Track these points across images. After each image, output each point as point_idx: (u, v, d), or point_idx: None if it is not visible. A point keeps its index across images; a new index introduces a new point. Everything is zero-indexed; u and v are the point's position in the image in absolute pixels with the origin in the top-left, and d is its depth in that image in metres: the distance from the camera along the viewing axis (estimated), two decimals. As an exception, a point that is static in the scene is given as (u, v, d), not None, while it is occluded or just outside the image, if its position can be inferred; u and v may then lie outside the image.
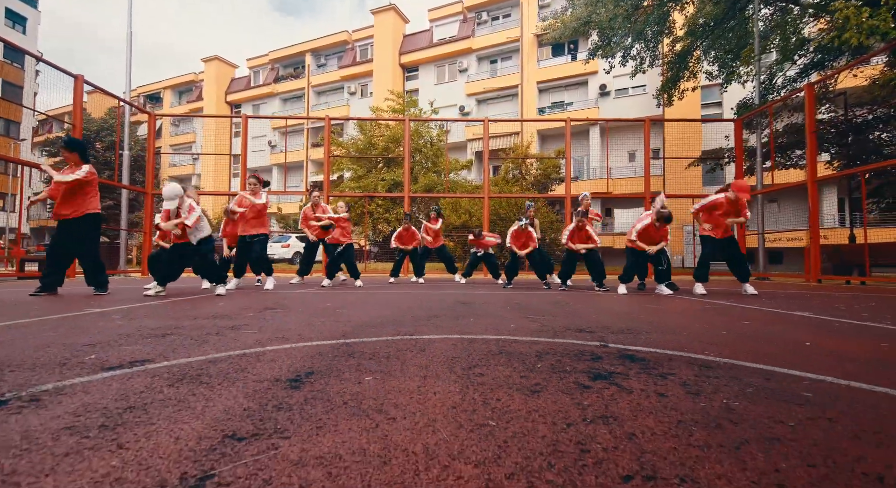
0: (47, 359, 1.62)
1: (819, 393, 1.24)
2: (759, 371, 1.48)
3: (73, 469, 0.77)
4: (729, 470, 0.77)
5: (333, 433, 0.94)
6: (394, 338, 2.07)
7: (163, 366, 1.52)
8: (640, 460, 0.81)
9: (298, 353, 1.73)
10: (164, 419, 1.01)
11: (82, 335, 2.11)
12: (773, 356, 1.72)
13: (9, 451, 0.84)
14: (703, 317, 2.98)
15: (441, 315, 2.97)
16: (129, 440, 0.90)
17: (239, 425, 0.98)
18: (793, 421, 1.02)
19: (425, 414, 1.05)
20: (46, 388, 1.25)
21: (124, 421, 1.00)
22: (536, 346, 1.89)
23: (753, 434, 0.94)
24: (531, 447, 0.87)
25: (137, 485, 0.72)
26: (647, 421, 1.01)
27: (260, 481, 0.73)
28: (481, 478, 0.74)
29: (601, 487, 0.72)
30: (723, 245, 4.98)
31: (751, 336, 2.20)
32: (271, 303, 3.77)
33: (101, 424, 0.98)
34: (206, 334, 2.16)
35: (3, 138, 29.07)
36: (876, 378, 1.40)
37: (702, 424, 0.99)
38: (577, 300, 4.24)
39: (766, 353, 1.77)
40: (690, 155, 16.17)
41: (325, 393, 1.22)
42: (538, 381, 1.34)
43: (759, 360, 1.64)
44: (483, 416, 1.04)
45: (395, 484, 0.72)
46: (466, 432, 0.94)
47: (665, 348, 1.87)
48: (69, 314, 2.91)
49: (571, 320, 2.74)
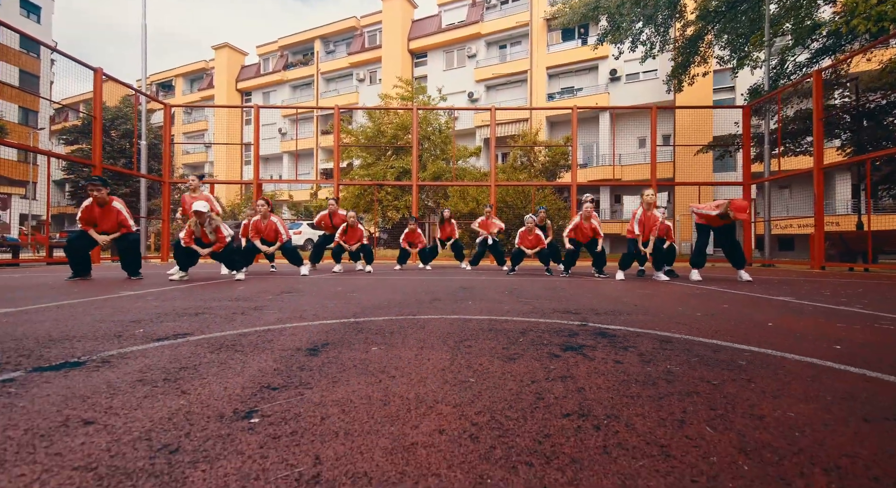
0: (104, 332, 1.91)
1: (754, 362, 1.47)
2: (711, 345, 1.71)
3: (153, 405, 1.04)
4: (646, 412, 1.01)
5: (346, 386, 1.20)
6: (398, 318, 2.33)
7: (202, 338, 1.80)
8: (581, 405, 1.06)
9: (315, 329, 2.00)
10: (212, 375, 1.28)
11: (126, 314, 2.41)
12: (731, 333, 1.94)
13: (102, 395, 1.12)
14: (688, 301, 3.19)
15: (443, 298, 3.23)
16: (189, 388, 1.16)
17: (272, 379, 1.24)
18: (717, 380, 1.25)
19: (419, 374, 1.30)
20: (112, 353, 1.53)
21: (182, 376, 1.27)
22: (523, 325, 2.13)
23: (679, 389, 1.18)
24: (499, 396, 1.12)
25: (203, 416, 0.98)
26: (597, 380, 1.25)
27: (292, 414, 0.99)
28: (456, 414, 0.99)
29: (545, 421, 0.96)
30: (719, 232, 5.14)
31: (721, 317, 2.41)
32: (287, 287, 4.06)
33: (164, 378, 1.25)
34: (234, 313, 2.45)
35: (23, 127, 29.73)
36: (811, 351, 1.62)
37: (640, 382, 1.23)
38: (574, 286, 4.47)
39: (726, 331, 1.99)
40: (702, 141, 16.06)
41: (339, 359, 1.48)
42: (517, 352, 1.58)
43: (716, 337, 1.86)
44: (465, 375, 1.29)
45: (392, 417, 0.98)
46: (450, 386, 1.20)
47: (638, 327, 2.10)
48: (108, 296, 3.22)
49: (562, 303, 2.98)
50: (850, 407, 1.05)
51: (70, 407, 1.02)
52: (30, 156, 28.20)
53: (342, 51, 32.69)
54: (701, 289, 4.20)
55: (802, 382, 1.25)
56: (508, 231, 14.04)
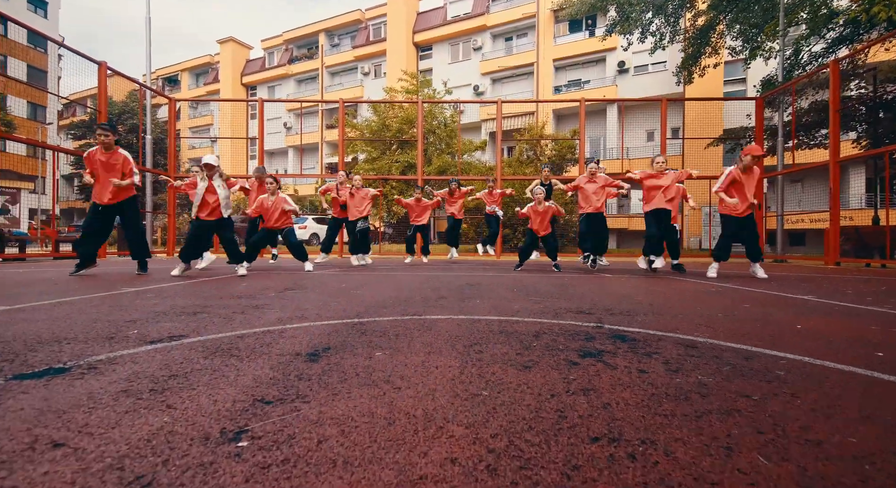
0: (96, 333, 1.82)
1: (793, 371, 1.34)
2: (741, 351, 1.58)
3: (133, 423, 0.94)
4: (686, 435, 0.90)
5: (347, 399, 1.09)
6: (402, 318, 2.22)
7: (197, 340, 1.71)
8: (610, 425, 0.94)
9: (316, 331, 1.90)
10: (203, 385, 1.18)
11: (123, 312, 2.32)
12: (760, 337, 1.81)
13: (80, 409, 1.02)
14: (705, 300, 3.06)
15: (449, 296, 3.12)
16: (176, 401, 1.06)
17: (266, 391, 1.14)
18: (757, 395, 1.13)
19: (427, 385, 1.19)
20: (100, 358, 1.44)
21: (170, 387, 1.17)
22: (535, 327, 2.02)
23: (717, 406, 1.06)
24: (516, 413, 1.00)
25: (186, 437, 0.88)
26: (623, 393, 1.13)
27: (285, 436, 0.88)
28: (470, 437, 0.88)
29: (572, 447, 0.85)
30: (742, 223, 4.98)
31: (745, 318, 2.28)
32: (291, 283, 3.97)
33: (150, 388, 1.15)
34: (233, 313, 2.35)
35: (31, 122, 29.90)
36: (852, 358, 1.49)
37: (672, 397, 1.11)
38: (583, 283, 4.34)
39: (754, 335, 1.86)
40: (712, 134, 15.76)
41: (340, 366, 1.37)
42: (532, 358, 1.47)
43: (745, 341, 1.74)
44: (477, 387, 1.18)
45: (397, 441, 0.87)
46: (461, 400, 1.09)
47: (657, 329, 1.97)
48: (108, 293, 3.14)
49: (573, 302, 2.86)
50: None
51: (42, 425, 0.92)
52: (38, 151, 28.38)
53: (347, 44, 32.46)
54: (717, 286, 4.06)
55: (854, 397, 1.12)
56: (514, 226, 13.90)
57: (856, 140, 12.91)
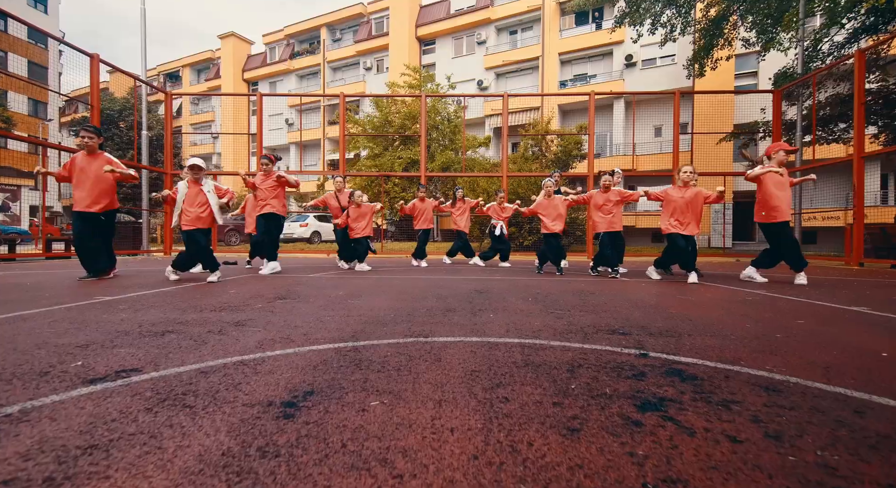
0: (31, 365, 1.48)
1: (933, 437, 0.99)
2: (842, 398, 1.23)
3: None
4: None
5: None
6: (405, 341, 1.88)
7: (149, 378, 1.37)
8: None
9: (301, 361, 1.56)
10: (123, 468, 0.84)
11: (80, 332, 1.99)
12: (849, 373, 1.46)
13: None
14: (748, 312, 2.70)
15: (457, 308, 2.77)
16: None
17: (210, 481, 0.79)
18: (920, 491, 0.78)
19: (440, 470, 0.84)
20: (11, 411, 1.10)
21: (75, 473, 0.82)
22: (567, 355, 1.67)
23: (875, 515, 0.71)
24: (579, 534, 0.66)
25: None
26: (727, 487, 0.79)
27: None
28: None
29: None
30: (777, 230, 4.60)
31: (810, 340, 1.92)
32: (284, 290, 3.64)
33: (47, 476, 0.81)
34: (208, 332, 2.01)
35: (32, 118, 29.69)
36: None
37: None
38: (602, 290, 3.98)
39: (838, 368, 1.51)
40: (722, 128, 15.29)
41: (323, 426, 1.03)
42: (575, 412, 1.12)
43: (835, 379, 1.38)
44: (513, 474, 0.83)
45: None
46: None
47: (717, 359, 1.62)
48: (76, 304, 2.81)
49: (601, 316, 2.50)
50: None
51: None
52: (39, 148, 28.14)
53: (349, 39, 32.02)
54: (751, 293, 3.69)
55: None
56: (521, 223, 13.53)
57: (875, 135, 12.44)
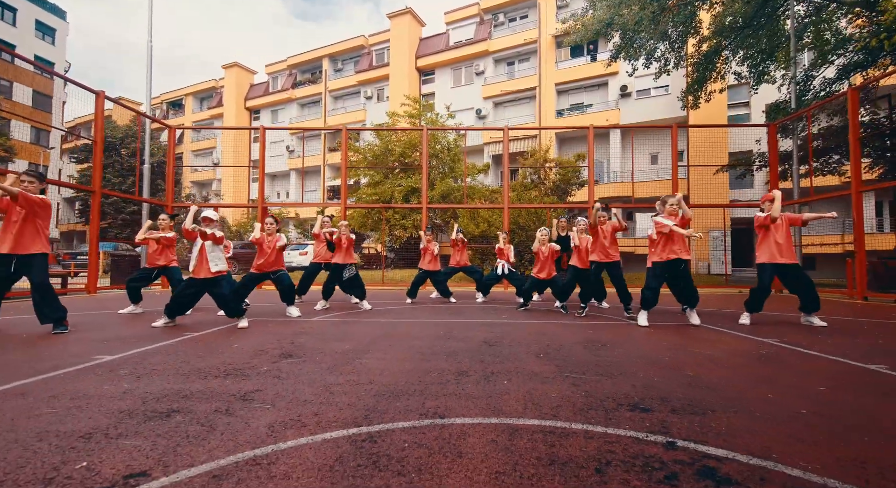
0: (34, 467, 1.41)
1: None
2: (890, 515, 1.17)
3: None
4: None
5: None
6: (422, 423, 1.82)
7: (161, 484, 1.30)
8: None
9: (315, 458, 1.49)
10: None
11: (81, 414, 1.91)
12: (882, 467, 1.40)
13: None
14: (768, 374, 2.65)
15: (469, 370, 2.71)
16: None
17: None
18: None
19: None
20: (14, 546, 1.03)
21: None
22: (591, 445, 1.61)
23: None
24: None
25: None
26: None
27: None
28: None
29: None
30: (783, 271, 4.58)
31: (836, 420, 1.87)
32: (288, 343, 3.57)
33: None
34: (215, 411, 1.95)
35: (34, 146, 29.96)
36: None
37: None
38: (609, 337, 3.92)
39: (872, 461, 1.45)
40: (717, 157, 15.52)
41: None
42: (614, 540, 1.06)
43: (873, 482, 1.32)
44: None
45: None
46: None
47: (747, 451, 1.56)
48: (75, 367, 2.74)
49: (618, 384, 2.44)
50: None
51: None
52: (39, 175, 28.24)
53: (350, 69, 32.85)
54: (763, 344, 3.64)
55: None
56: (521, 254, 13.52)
57: (870, 167, 12.64)
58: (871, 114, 11.89)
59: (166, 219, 5.70)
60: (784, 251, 4.54)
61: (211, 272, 4.29)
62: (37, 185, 4.19)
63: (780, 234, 4.53)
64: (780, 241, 4.54)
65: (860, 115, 12.36)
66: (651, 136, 22.27)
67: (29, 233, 4.06)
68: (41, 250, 4.11)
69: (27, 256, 4.03)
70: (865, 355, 3.19)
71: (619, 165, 23.03)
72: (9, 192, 3.89)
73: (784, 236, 4.53)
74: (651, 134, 22.09)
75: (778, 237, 4.54)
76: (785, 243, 4.53)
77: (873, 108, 12.02)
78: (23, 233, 4.04)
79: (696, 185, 18.40)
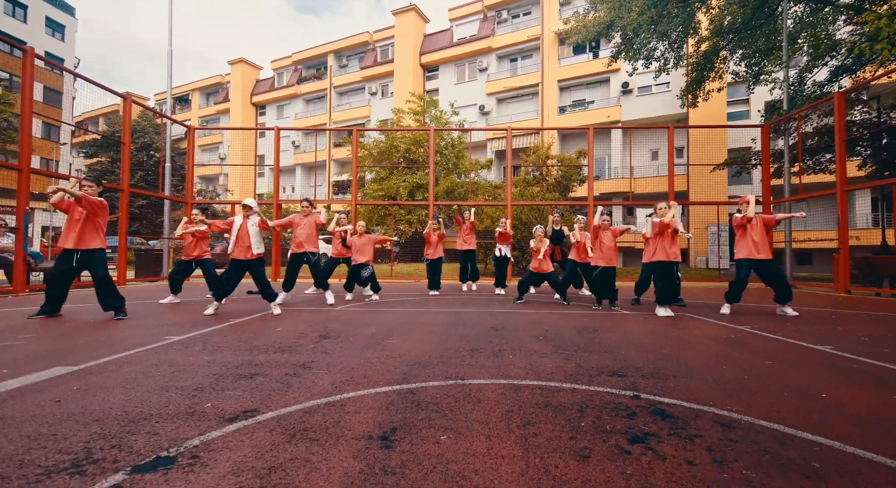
0: (175, 407, 1.97)
1: (827, 462, 1.48)
2: (776, 434, 1.72)
3: (265, 532, 1.09)
4: (745, 548, 1.04)
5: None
6: (447, 383, 2.37)
7: (272, 416, 1.86)
8: (677, 536, 1.09)
9: (374, 403, 2.05)
10: (302, 478, 1.33)
11: (184, 375, 2.48)
12: (790, 413, 1.95)
13: (211, 514, 1.17)
14: (729, 353, 3.19)
15: (480, 348, 3.26)
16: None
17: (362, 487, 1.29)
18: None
19: (502, 483, 1.34)
20: (196, 443, 1.59)
21: (276, 483, 1.32)
22: (576, 397, 2.16)
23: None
24: (592, 520, 1.15)
25: (317, 549, 1.02)
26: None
27: (401, 548, 1.03)
28: (560, 551, 1.03)
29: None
30: (759, 266, 5.10)
31: (770, 383, 2.41)
32: (322, 328, 4.13)
33: (261, 485, 1.30)
34: (286, 374, 2.51)
35: (45, 141, 30.48)
36: (881, 446, 1.62)
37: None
38: (604, 325, 4.47)
39: (784, 410, 2.00)
40: (716, 154, 15.93)
41: (415, 454, 1.52)
42: (585, 444, 1.61)
43: (776, 418, 1.87)
44: (549, 485, 1.32)
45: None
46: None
47: (692, 400, 2.11)
48: (154, 345, 3.31)
49: (602, 358, 2.99)
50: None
51: (189, 536, 1.08)
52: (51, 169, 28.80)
53: (355, 65, 33.19)
54: (734, 330, 4.18)
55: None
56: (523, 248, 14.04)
57: (861, 165, 13.07)
58: (863, 113, 12.30)
59: (198, 214, 6.26)
60: (760, 248, 5.07)
61: (253, 254, 4.86)
62: (95, 189, 4.78)
63: (756, 233, 5.05)
64: (757, 239, 5.06)
65: (853, 115, 12.80)
66: (651, 133, 22.64)
67: (89, 231, 4.65)
68: (100, 246, 4.70)
69: (88, 251, 4.61)
70: (820, 339, 3.73)
71: (619, 162, 23.43)
72: (74, 195, 4.47)
73: (760, 234, 5.06)
74: (651, 131, 22.45)
75: (754, 235, 5.06)
76: (761, 241, 5.06)
77: (866, 108, 12.43)
78: (84, 230, 4.62)
79: (695, 182, 18.86)
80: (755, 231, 5.07)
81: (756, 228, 5.06)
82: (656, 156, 23.33)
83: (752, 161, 13.63)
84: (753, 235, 5.07)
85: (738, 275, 5.13)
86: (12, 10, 28.85)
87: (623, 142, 23.43)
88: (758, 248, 5.07)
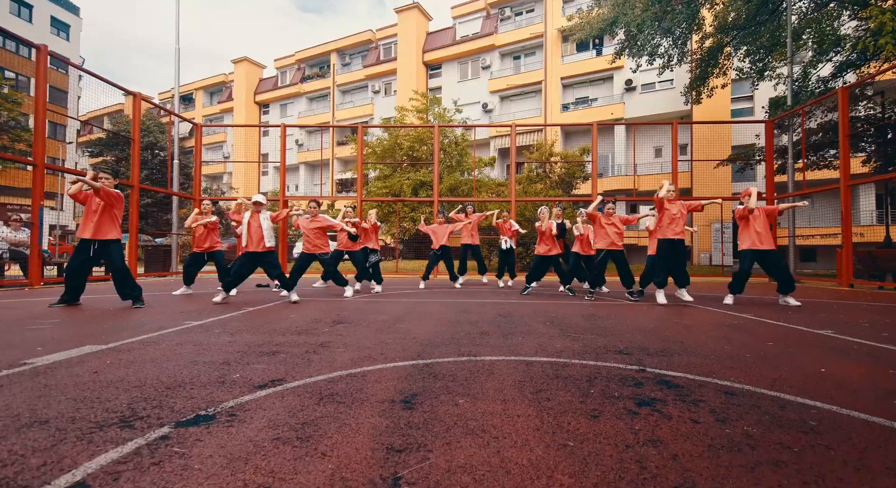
0: (206, 377, 2.09)
1: (823, 421, 1.58)
2: (775, 399, 1.82)
3: (307, 469, 1.20)
4: (746, 485, 1.14)
5: (460, 448, 1.34)
6: (461, 359, 2.48)
7: (298, 385, 1.97)
8: (684, 476, 1.19)
9: (393, 374, 2.15)
10: (334, 432, 1.44)
11: (210, 352, 2.60)
12: (789, 383, 2.04)
13: (257, 456, 1.28)
14: (730, 336, 3.28)
15: (489, 332, 3.37)
16: (326, 449, 1.32)
17: (391, 439, 1.39)
18: (797, 447, 1.37)
19: (520, 435, 1.44)
20: (231, 405, 1.70)
21: (310, 435, 1.43)
22: (585, 370, 2.26)
23: (766, 457, 1.30)
24: (604, 463, 1.25)
25: (358, 483, 1.13)
26: (685, 445, 1.38)
27: (432, 482, 1.14)
28: (577, 487, 1.13)
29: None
30: (762, 256, 5.18)
31: (771, 360, 2.51)
32: (335, 315, 4.24)
33: (297, 436, 1.41)
34: (306, 352, 2.62)
35: (51, 141, 30.72)
36: (875, 407, 1.72)
37: (727, 448, 1.35)
38: (608, 313, 4.57)
39: (783, 381, 2.09)
40: (720, 150, 15.97)
41: (436, 413, 1.63)
42: (595, 406, 1.71)
43: (776, 388, 1.97)
44: (562, 437, 1.43)
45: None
46: (554, 450, 1.33)
47: (696, 373, 2.21)
48: (176, 328, 3.43)
49: (608, 339, 3.09)
50: (930, 482, 1.16)
51: (240, 471, 1.19)
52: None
53: (358, 63, 33.30)
54: (739, 318, 4.27)
55: (878, 450, 1.36)
56: (527, 244, 14.14)
57: (865, 161, 13.09)
58: (866, 108, 12.32)
59: (209, 205, 6.39)
60: (763, 239, 5.15)
61: (266, 247, 4.99)
62: (111, 181, 4.90)
63: (759, 224, 5.13)
64: (760, 230, 5.14)
65: (858, 110, 12.81)
66: (655, 130, 22.65)
67: (106, 222, 4.78)
68: (116, 237, 4.83)
69: (105, 242, 4.74)
70: (821, 325, 3.82)
71: (623, 158, 23.47)
72: (93, 187, 4.59)
73: (762, 225, 5.14)
74: (655, 127, 22.45)
75: (757, 226, 5.15)
76: (763, 231, 5.14)
77: (870, 104, 12.44)
78: (102, 222, 4.75)
79: (699, 179, 18.86)
80: (758, 222, 5.15)
81: (759, 219, 5.14)
82: (660, 153, 23.35)
83: (756, 157, 13.66)
84: (756, 226, 5.15)
85: (742, 266, 5.21)
86: (18, 9, 29.09)
87: (627, 139, 23.44)
88: (761, 239, 5.15)
